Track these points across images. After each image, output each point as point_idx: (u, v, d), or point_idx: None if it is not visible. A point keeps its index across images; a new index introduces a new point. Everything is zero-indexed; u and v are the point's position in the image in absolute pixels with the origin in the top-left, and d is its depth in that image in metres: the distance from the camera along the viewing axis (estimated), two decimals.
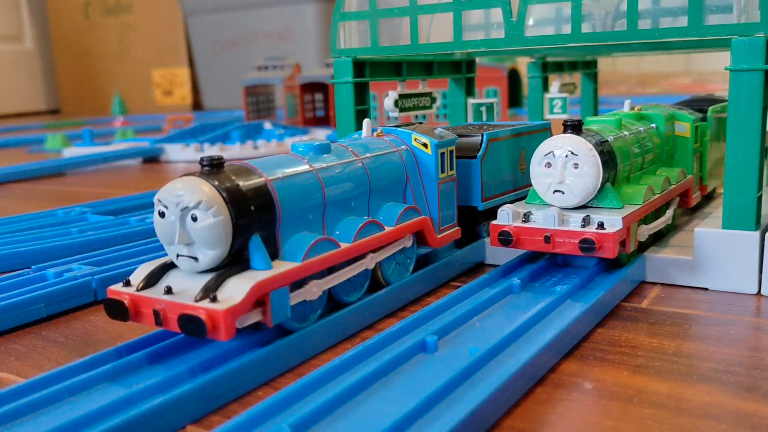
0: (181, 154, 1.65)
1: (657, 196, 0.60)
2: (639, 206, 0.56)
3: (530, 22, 0.62)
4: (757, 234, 0.55)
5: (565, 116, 0.96)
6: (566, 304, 0.51)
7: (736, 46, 0.53)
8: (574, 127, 0.56)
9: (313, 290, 0.47)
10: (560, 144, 0.55)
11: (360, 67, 0.70)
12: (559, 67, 1.02)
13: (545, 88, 0.99)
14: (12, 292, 0.57)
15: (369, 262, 0.52)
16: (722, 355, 0.45)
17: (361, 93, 0.70)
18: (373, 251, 0.53)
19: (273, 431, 0.34)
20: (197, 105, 3.95)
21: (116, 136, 2.01)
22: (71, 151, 1.75)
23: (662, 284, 0.59)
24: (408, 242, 0.57)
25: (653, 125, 0.67)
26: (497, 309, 0.51)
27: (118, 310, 0.42)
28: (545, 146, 0.56)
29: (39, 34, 4.23)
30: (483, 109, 0.84)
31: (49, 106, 4.32)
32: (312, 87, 2.36)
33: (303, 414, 0.35)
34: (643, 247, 0.61)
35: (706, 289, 0.57)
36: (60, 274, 0.62)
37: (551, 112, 0.99)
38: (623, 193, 0.57)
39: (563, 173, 0.54)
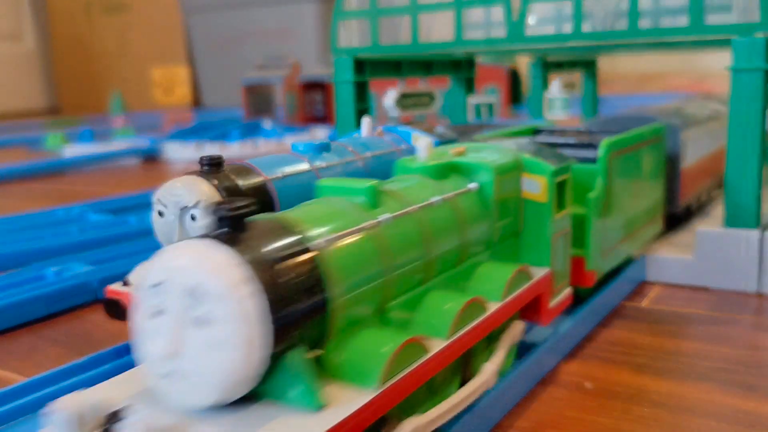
0: (181, 152, 1.65)
1: (432, 353, 0.31)
2: (373, 391, 0.28)
3: (531, 21, 0.62)
4: (757, 233, 0.55)
5: (565, 116, 0.96)
6: None
7: (736, 46, 0.53)
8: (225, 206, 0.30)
9: None
10: (173, 266, 0.27)
11: (360, 65, 0.70)
12: (559, 66, 1.02)
13: (545, 86, 0.99)
14: (12, 291, 0.57)
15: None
16: (722, 354, 0.45)
17: (361, 92, 0.70)
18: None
19: None
20: (197, 104, 3.95)
21: (116, 135, 2.01)
22: (71, 150, 1.75)
23: (663, 284, 0.59)
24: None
25: (471, 185, 0.40)
26: None
27: (117, 310, 0.42)
28: (153, 266, 0.28)
29: (39, 34, 4.23)
30: (483, 108, 0.84)
31: (48, 104, 4.32)
32: (312, 86, 2.36)
33: None
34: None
35: (707, 288, 0.57)
36: (60, 273, 0.62)
37: (551, 112, 0.98)
38: (347, 364, 0.29)
39: (178, 334, 0.26)
